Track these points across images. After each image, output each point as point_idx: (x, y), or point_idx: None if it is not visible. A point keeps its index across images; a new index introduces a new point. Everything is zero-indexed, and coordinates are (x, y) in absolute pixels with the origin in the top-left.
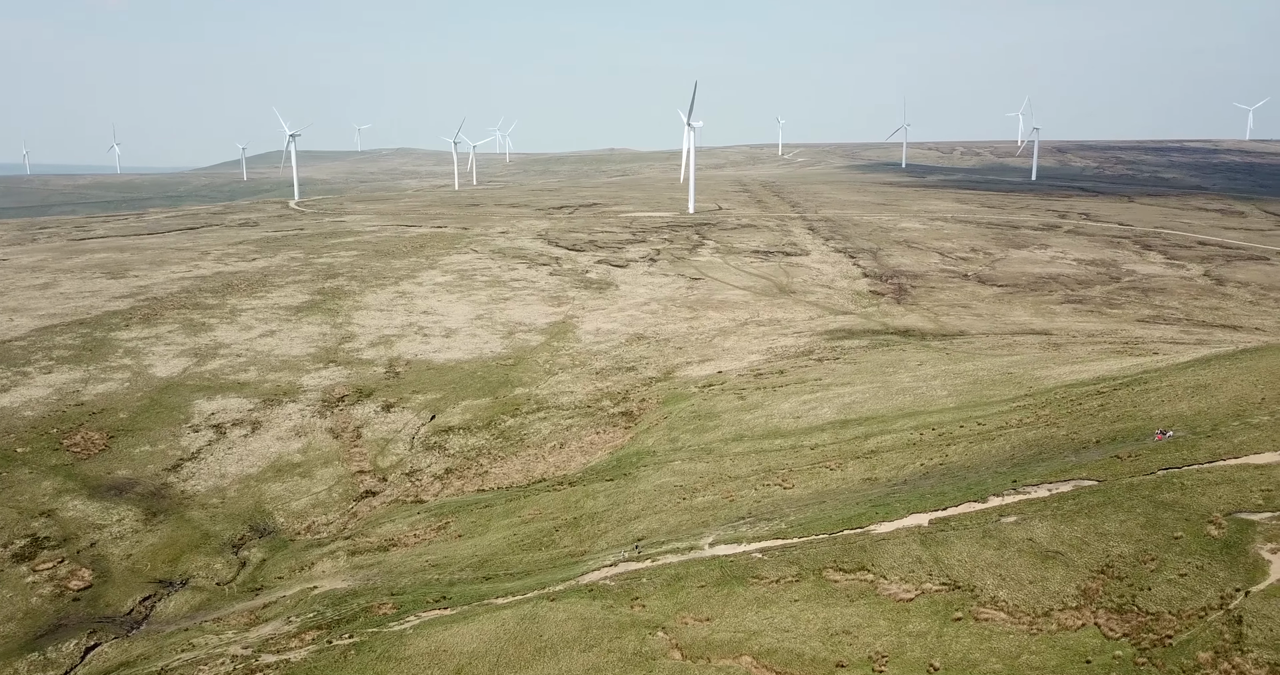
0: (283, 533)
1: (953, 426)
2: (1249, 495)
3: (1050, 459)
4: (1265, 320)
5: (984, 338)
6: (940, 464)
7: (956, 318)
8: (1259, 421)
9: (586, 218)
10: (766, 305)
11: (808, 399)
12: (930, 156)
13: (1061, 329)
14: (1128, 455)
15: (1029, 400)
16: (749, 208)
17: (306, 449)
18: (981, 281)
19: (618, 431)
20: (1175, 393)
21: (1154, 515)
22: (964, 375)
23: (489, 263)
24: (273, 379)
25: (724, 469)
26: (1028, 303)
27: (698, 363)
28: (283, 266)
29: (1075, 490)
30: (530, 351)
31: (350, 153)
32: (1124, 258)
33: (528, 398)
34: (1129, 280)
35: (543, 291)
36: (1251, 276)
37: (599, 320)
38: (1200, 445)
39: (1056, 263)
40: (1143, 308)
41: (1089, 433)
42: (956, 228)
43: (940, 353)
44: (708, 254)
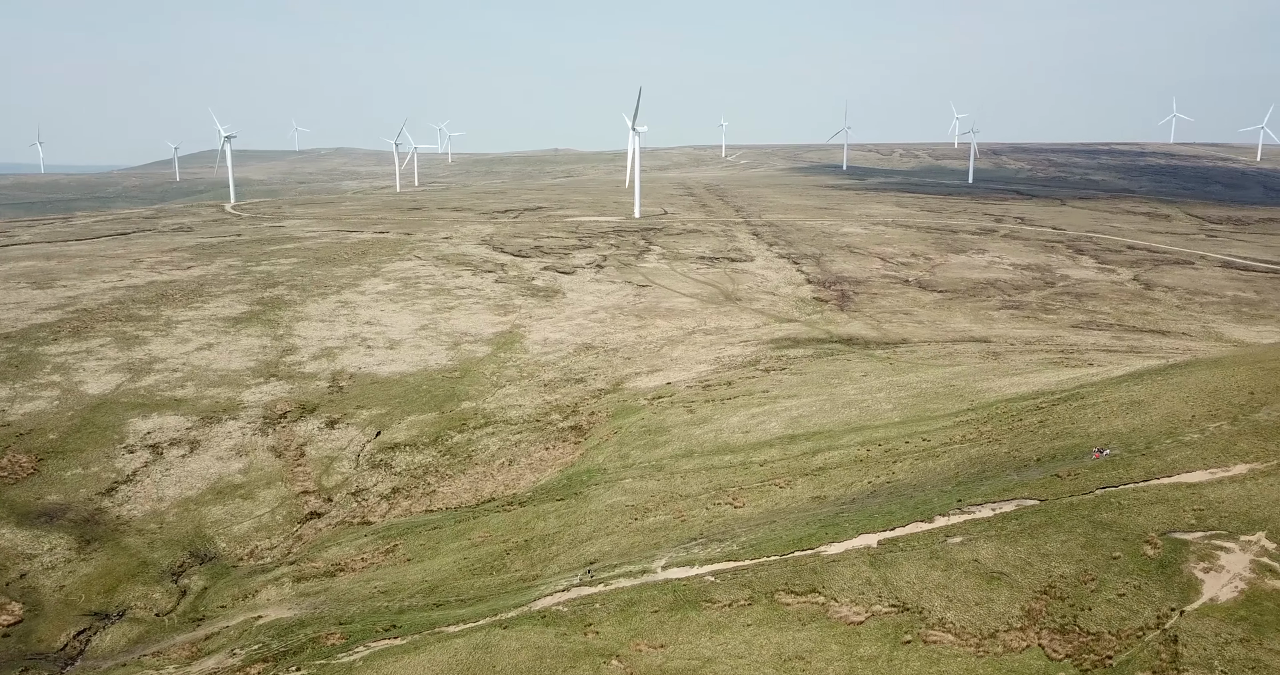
0: (225, 558)
1: (898, 442)
2: (1182, 515)
3: (993, 477)
4: (1191, 325)
5: (926, 346)
6: (887, 482)
7: (899, 325)
8: (1190, 439)
9: (532, 222)
10: (713, 313)
11: (756, 412)
12: (870, 158)
13: (1000, 336)
14: (1067, 474)
15: (972, 415)
16: (694, 212)
17: (248, 469)
18: (922, 287)
19: (567, 447)
20: (1111, 409)
21: (1093, 535)
22: (908, 388)
23: (433, 270)
24: (211, 395)
25: (675, 487)
26: (967, 309)
27: (647, 373)
28: (220, 275)
29: (1018, 510)
30: (477, 363)
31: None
32: (1058, 262)
33: (475, 412)
34: (1063, 285)
35: (488, 300)
36: (1178, 281)
37: (546, 330)
38: (1135, 464)
39: (994, 268)
40: (1076, 313)
41: (1030, 450)
42: (897, 232)
43: (884, 362)
44: (654, 260)
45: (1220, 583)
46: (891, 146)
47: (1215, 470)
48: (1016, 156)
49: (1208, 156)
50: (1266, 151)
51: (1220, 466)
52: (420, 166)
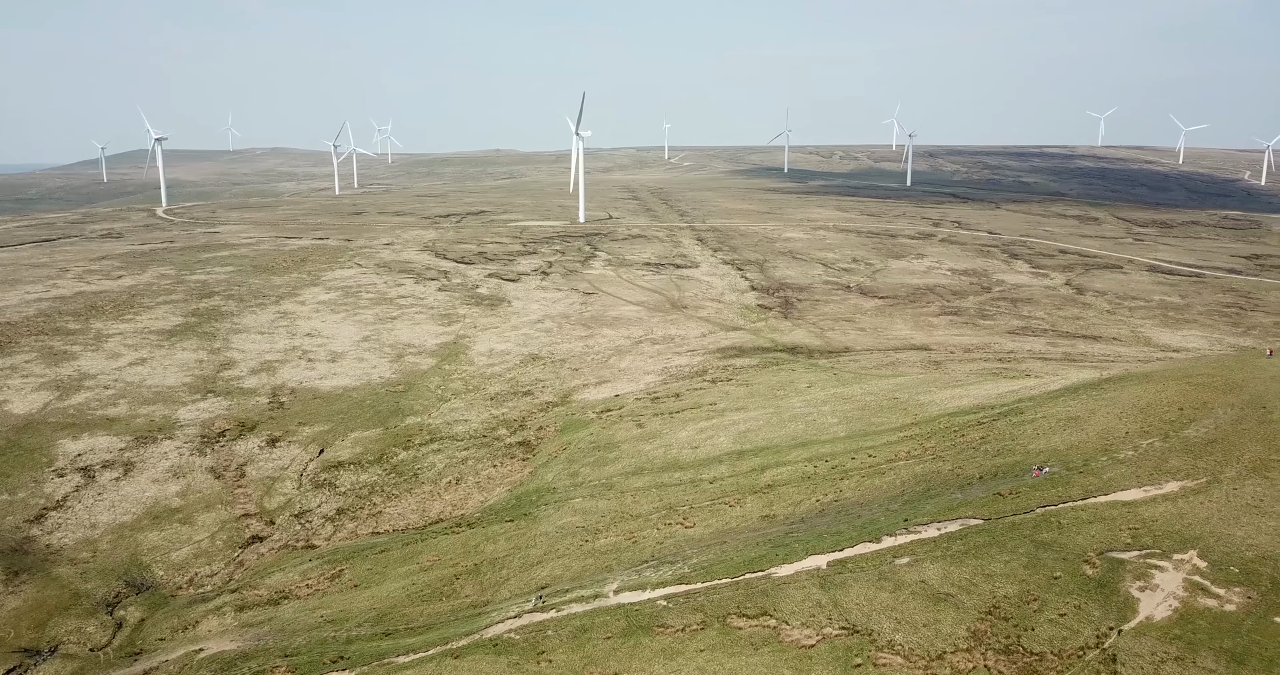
0: (163, 587)
1: (845, 458)
2: (1119, 534)
3: (938, 495)
4: (1121, 330)
5: (869, 355)
6: (835, 500)
7: (841, 333)
8: (1124, 456)
9: (475, 227)
10: (660, 321)
11: (704, 427)
12: (811, 161)
13: (940, 343)
14: (1009, 492)
15: (915, 430)
16: (639, 217)
17: (186, 492)
18: (864, 294)
19: (515, 464)
20: (1049, 425)
21: (1035, 555)
22: (852, 400)
23: (374, 278)
24: (145, 413)
25: (625, 507)
26: (907, 315)
27: (594, 385)
28: (152, 285)
29: (963, 529)
30: (421, 376)
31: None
32: (994, 267)
33: (420, 428)
34: (999, 290)
35: (432, 309)
36: (1108, 285)
37: (492, 340)
38: (1074, 482)
39: (933, 273)
40: (1012, 318)
41: (973, 468)
42: (838, 237)
43: (828, 373)
44: (600, 267)
45: (1155, 601)
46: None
47: (1149, 488)
48: (952, 159)
49: (1134, 159)
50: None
51: (1153, 484)
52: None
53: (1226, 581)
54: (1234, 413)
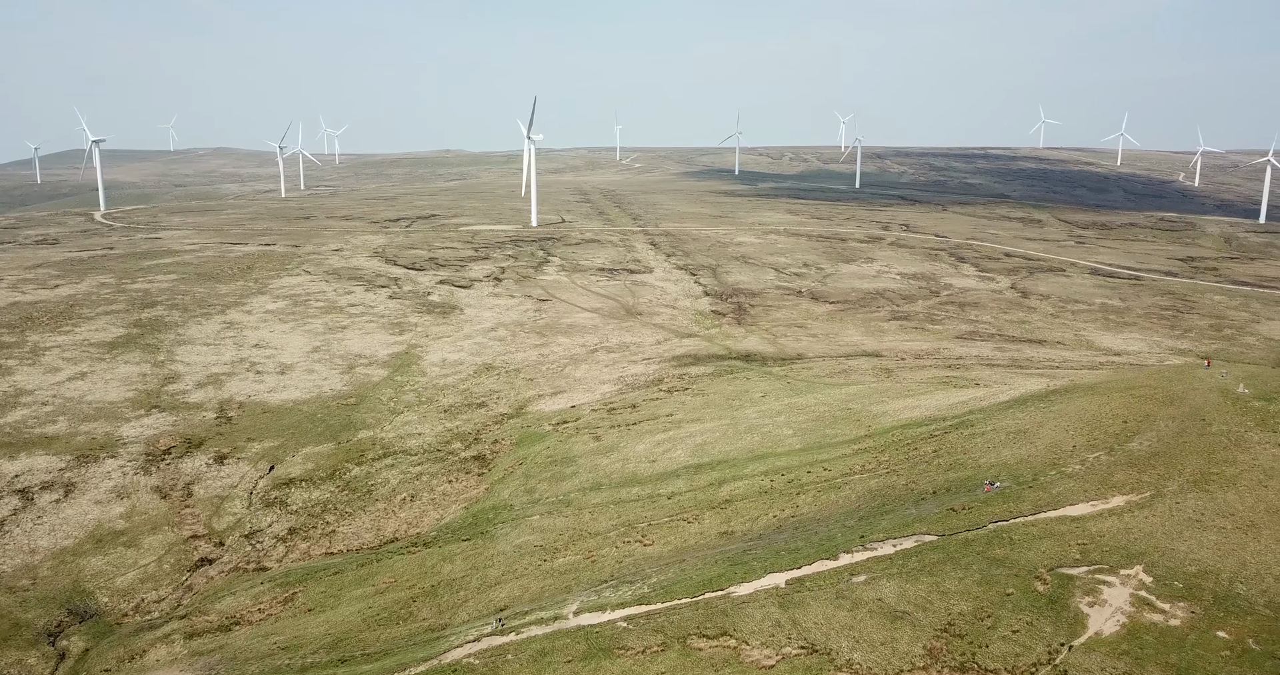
0: (107, 615)
1: (800, 472)
2: (1068, 549)
3: (893, 511)
4: (1064, 333)
5: (821, 361)
6: (792, 516)
7: (794, 339)
8: (1072, 470)
9: (425, 231)
10: (615, 329)
11: (661, 439)
12: (761, 162)
13: (891, 349)
14: (962, 507)
15: (869, 442)
16: (592, 220)
17: (130, 513)
18: (815, 299)
19: (471, 479)
20: (999, 438)
21: (988, 572)
22: (807, 410)
23: (323, 286)
24: (86, 431)
25: (583, 524)
26: (858, 320)
27: (550, 395)
28: (92, 294)
29: (918, 546)
30: (373, 388)
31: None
32: (942, 271)
33: (373, 442)
34: (947, 294)
35: (383, 318)
36: (1052, 289)
37: (445, 349)
38: (1024, 496)
39: (882, 277)
40: (960, 323)
41: (926, 482)
42: (789, 241)
43: (782, 381)
44: (554, 272)
45: (1104, 617)
46: (781, 150)
47: (1096, 502)
48: (900, 160)
49: (1074, 161)
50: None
51: (1100, 498)
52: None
53: (1171, 596)
54: (1175, 425)
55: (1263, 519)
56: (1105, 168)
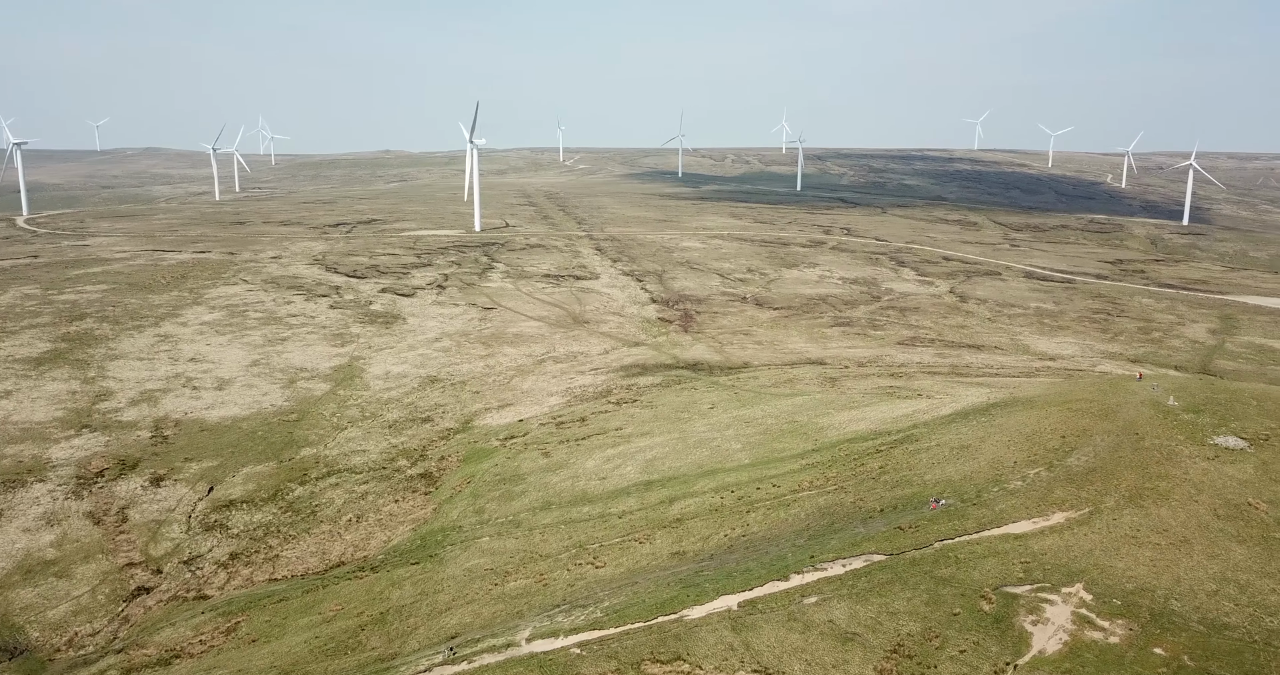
0: (39, 650)
1: (750, 488)
2: (1012, 568)
3: (842, 530)
4: (1001, 338)
5: (767, 370)
6: (743, 535)
7: (740, 347)
8: (1014, 487)
9: (366, 237)
10: (562, 338)
11: (611, 455)
12: (704, 164)
13: (834, 357)
14: (909, 526)
15: (817, 457)
16: (536, 225)
17: (61, 541)
18: (759, 305)
19: (418, 498)
20: (943, 453)
21: (935, 591)
22: (754, 423)
23: (262, 295)
24: (12, 453)
25: (534, 546)
26: (802, 327)
27: (497, 409)
28: (15, 306)
29: (867, 566)
30: (315, 402)
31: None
32: (882, 275)
33: (316, 460)
34: (888, 299)
35: (324, 329)
36: (989, 293)
37: (388, 361)
38: (969, 514)
39: (825, 282)
40: (902, 328)
41: (873, 500)
42: (733, 246)
43: (729, 392)
44: (498, 279)
45: (1047, 635)
46: (724, 152)
47: (1037, 520)
48: (840, 162)
49: (1007, 163)
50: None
51: (1041, 515)
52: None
53: (1110, 614)
54: (1110, 440)
55: (1194, 534)
56: (1037, 169)
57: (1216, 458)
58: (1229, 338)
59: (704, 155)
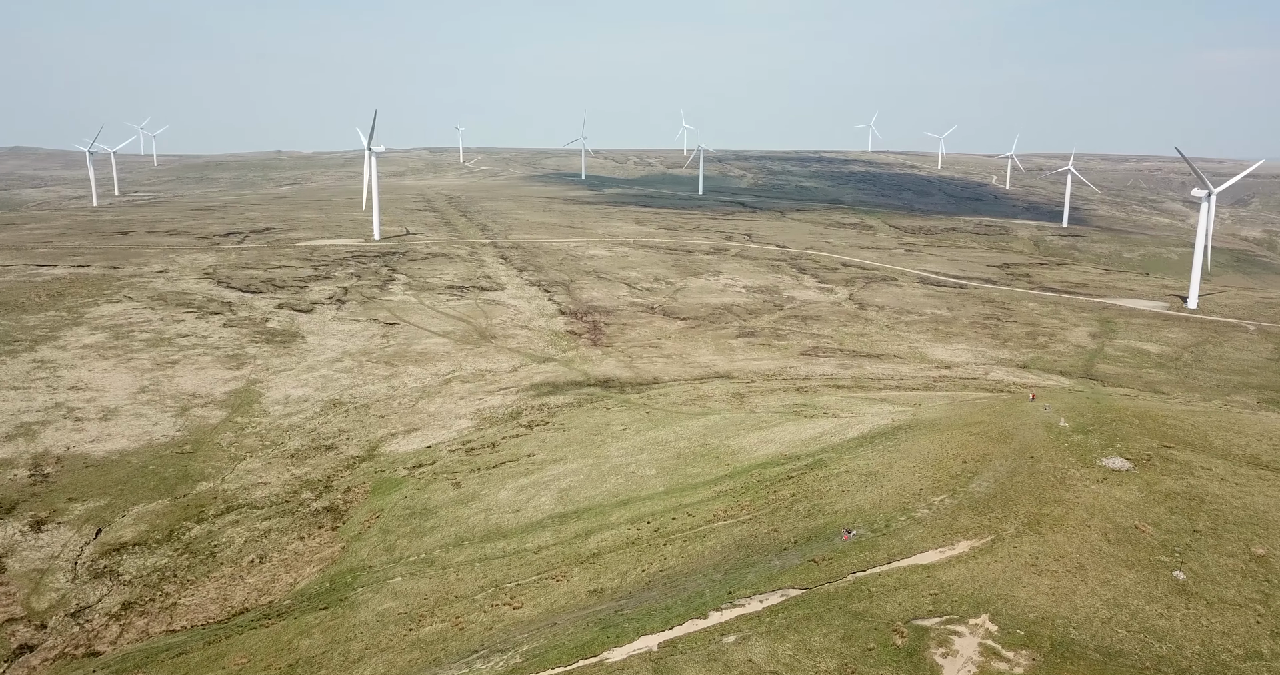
0: None
1: (666, 518)
2: (922, 600)
3: (757, 563)
4: (900, 346)
5: (677, 386)
6: (661, 570)
7: (649, 361)
8: (920, 515)
9: (260, 248)
10: (469, 354)
11: (524, 484)
12: (607, 166)
13: (741, 370)
14: (822, 558)
15: (730, 483)
16: (438, 232)
17: None
18: (667, 315)
19: (325, 535)
20: (852, 480)
21: (850, 627)
22: (667, 446)
23: (149, 314)
24: None
25: (449, 586)
26: (709, 338)
27: (403, 434)
28: None
29: (784, 601)
30: (211, 431)
31: None
32: (784, 283)
33: (214, 495)
34: (790, 308)
35: (218, 350)
36: (886, 300)
37: (288, 384)
38: (879, 544)
39: (729, 291)
40: (804, 337)
41: (787, 530)
42: (639, 254)
43: (641, 411)
44: (400, 291)
45: (956, 667)
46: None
47: (943, 549)
48: (739, 165)
49: (899, 164)
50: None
51: (947, 544)
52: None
53: (1014, 645)
54: (1008, 464)
55: (1089, 560)
56: (927, 171)
57: (1105, 480)
58: (1108, 341)
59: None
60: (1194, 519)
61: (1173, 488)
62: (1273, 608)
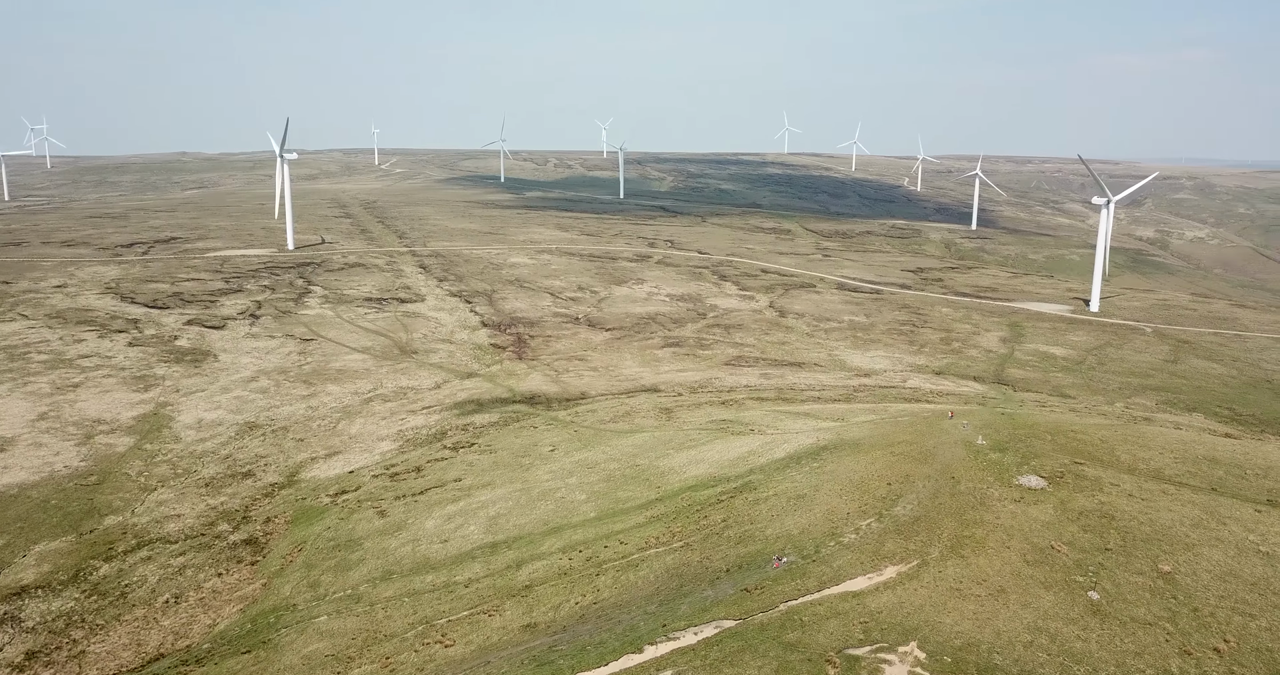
0: None
1: (598, 546)
2: (852, 629)
3: (690, 593)
4: (820, 354)
5: (604, 401)
6: (594, 602)
7: (576, 375)
8: (849, 541)
9: (166, 259)
10: (390, 371)
11: (452, 512)
12: (527, 168)
13: (667, 382)
14: (754, 587)
15: (661, 507)
16: (354, 240)
17: None
18: (592, 326)
19: (244, 570)
20: (780, 504)
21: (784, 658)
22: (597, 468)
23: (46, 333)
24: None
25: (377, 624)
26: (634, 349)
27: (324, 458)
28: None
29: (718, 633)
30: (118, 460)
31: None
32: (706, 291)
33: (123, 529)
34: (713, 316)
35: (123, 371)
36: (806, 307)
37: (200, 407)
38: (809, 572)
39: (653, 300)
40: (728, 346)
41: (719, 558)
42: (562, 262)
43: (569, 430)
44: (316, 305)
45: None
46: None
47: (871, 575)
48: (659, 167)
49: (815, 166)
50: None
51: (875, 570)
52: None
53: (942, 672)
54: (931, 485)
55: (1009, 583)
56: (842, 173)
57: (1021, 499)
58: (1017, 346)
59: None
60: (1105, 537)
61: (1085, 506)
62: (1180, 625)
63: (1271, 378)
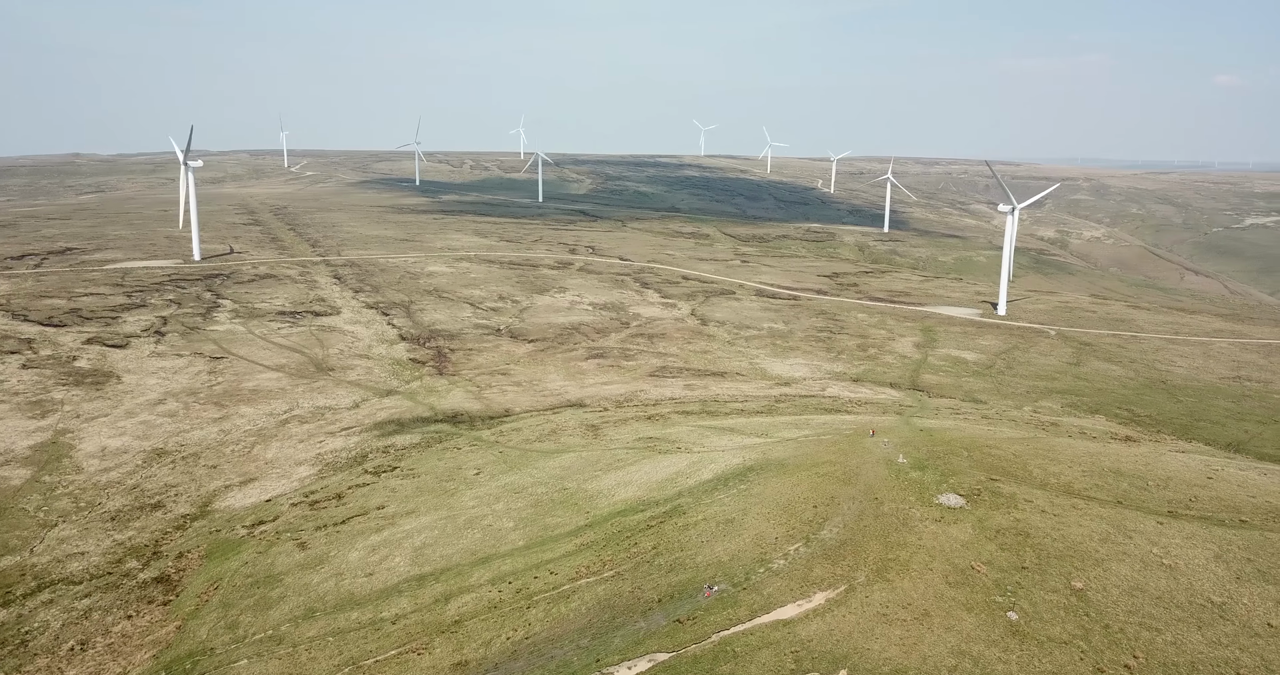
0: None
1: (528, 577)
2: (784, 659)
3: (623, 626)
4: (741, 363)
5: (529, 418)
6: (526, 637)
7: (499, 391)
8: (778, 567)
9: (62, 272)
10: (305, 390)
11: (376, 543)
12: (443, 170)
13: (593, 396)
14: (687, 618)
15: (591, 534)
16: (265, 249)
17: None
18: (514, 337)
19: (156, 612)
20: (710, 529)
21: None
22: (524, 493)
23: None
24: None
25: (301, 667)
26: (558, 361)
27: (239, 485)
28: None
29: (651, 667)
30: (13, 495)
31: None
32: (629, 299)
33: (21, 570)
34: (636, 325)
35: (17, 395)
36: (726, 315)
37: (104, 433)
38: (740, 600)
39: (576, 309)
40: (651, 356)
41: (650, 588)
42: (482, 270)
43: (494, 450)
44: (226, 319)
45: None
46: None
47: (801, 602)
48: (577, 169)
49: (730, 169)
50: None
51: (804, 597)
52: None
53: None
54: (856, 507)
55: (933, 606)
56: (758, 175)
57: (942, 519)
58: (930, 351)
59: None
60: (1021, 555)
61: (1001, 523)
62: (1093, 643)
63: (1165, 378)
